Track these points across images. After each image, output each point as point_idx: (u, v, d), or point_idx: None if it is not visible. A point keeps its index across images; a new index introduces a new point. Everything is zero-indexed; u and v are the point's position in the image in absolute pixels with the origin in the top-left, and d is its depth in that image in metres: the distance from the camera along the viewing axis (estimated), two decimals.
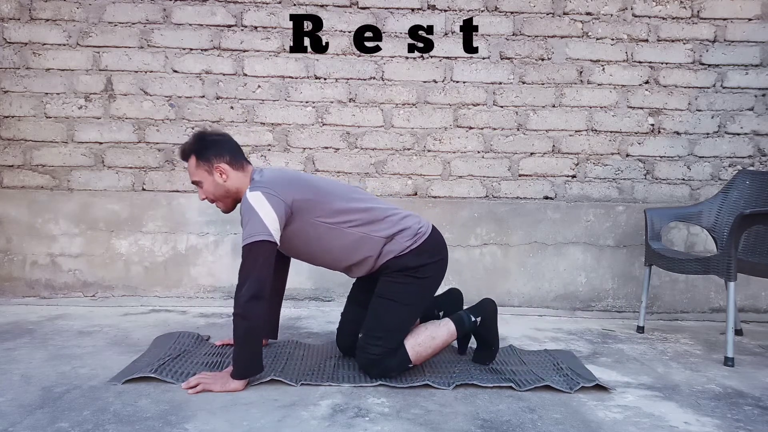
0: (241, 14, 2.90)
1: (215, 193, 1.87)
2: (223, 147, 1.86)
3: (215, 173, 1.84)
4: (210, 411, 1.55)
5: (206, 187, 1.86)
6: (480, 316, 1.95)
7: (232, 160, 1.86)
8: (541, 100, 2.95)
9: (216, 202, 1.90)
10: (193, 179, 1.87)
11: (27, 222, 2.90)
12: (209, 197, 1.88)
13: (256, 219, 1.71)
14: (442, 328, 1.89)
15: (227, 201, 1.90)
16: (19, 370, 1.82)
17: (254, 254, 1.71)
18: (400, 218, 1.90)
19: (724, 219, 2.59)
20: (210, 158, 1.84)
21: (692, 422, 1.56)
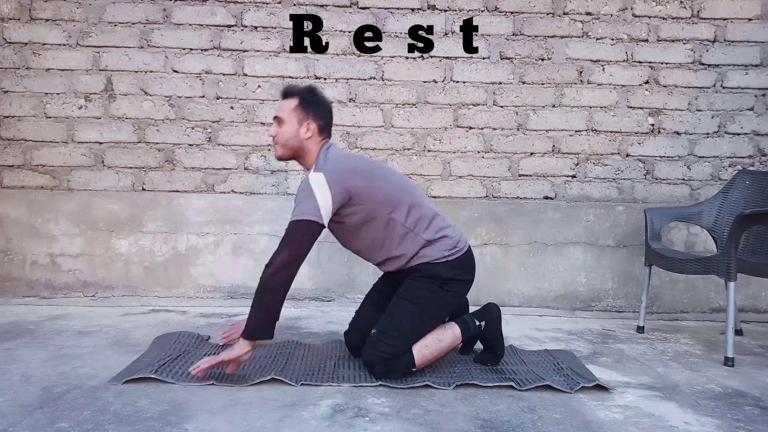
0: (241, 14, 2.90)
1: (288, 140, 1.88)
2: (324, 112, 1.91)
3: (303, 126, 1.87)
4: (210, 411, 1.55)
5: (286, 129, 1.87)
6: (484, 321, 1.96)
7: (322, 128, 1.90)
8: (541, 100, 2.95)
9: (278, 145, 1.90)
10: (279, 115, 1.88)
11: (27, 222, 2.90)
12: (279, 139, 1.89)
13: (311, 200, 1.75)
14: (448, 331, 1.88)
15: (288, 152, 1.91)
16: (19, 370, 1.82)
17: (300, 230, 1.75)
18: (444, 225, 1.92)
19: (724, 219, 2.59)
20: (310, 111, 1.88)
21: (692, 422, 1.56)
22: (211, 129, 2.94)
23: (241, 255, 2.93)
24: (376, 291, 2.08)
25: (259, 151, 2.95)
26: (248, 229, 2.93)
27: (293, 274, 1.75)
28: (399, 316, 1.84)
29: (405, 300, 1.86)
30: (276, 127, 1.90)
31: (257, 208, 2.94)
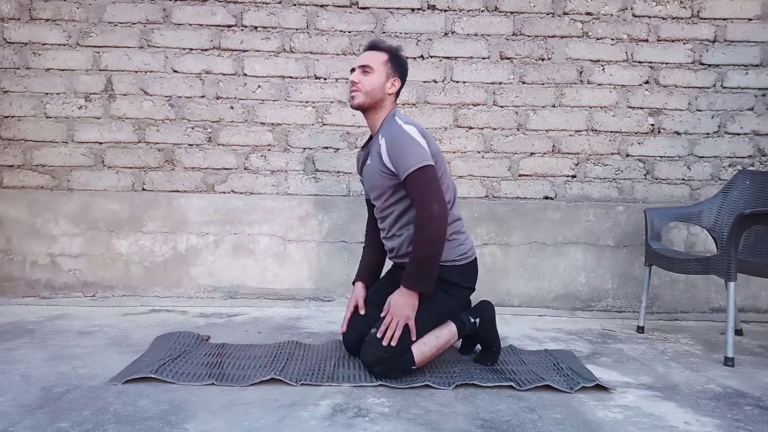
0: (241, 14, 2.90)
1: (374, 89, 1.91)
2: (405, 75, 2.00)
3: (389, 80, 1.93)
4: (210, 411, 1.55)
5: (374, 78, 1.90)
6: (479, 318, 1.96)
7: (399, 91, 1.98)
8: (541, 100, 2.95)
9: (360, 92, 1.91)
10: (367, 63, 1.91)
11: (27, 222, 2.90)
12: (364, 86, 1.90)
13: (418, 146, 1.79)
14: (445, 329, 1.89)
15: (369, 101, 1.92)
16: (19, 370, 1.82)
17: (430, 176, 1.77)
18: (461, 230, 1.95)
19: (724, 219, 2.59)
20: (396, 70, 1.94)
21: (692, 422, 1.56)
22: (211, 129, 2.94)
23: (241, 255, 2.94)
24: (378, 292, 2.08)
25: (259, 151, 2.95)
26: (248, 229, 2.93)
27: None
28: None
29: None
30: (360, 74, 1.91)
31: (257, 208, 2.94)
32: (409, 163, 1.78)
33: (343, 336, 2.06)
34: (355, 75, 1.93)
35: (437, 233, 1.76)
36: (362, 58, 1.94)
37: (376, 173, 1.90)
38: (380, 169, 1.87)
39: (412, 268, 1.79)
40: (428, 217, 1.75)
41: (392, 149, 1.82)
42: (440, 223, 1.76)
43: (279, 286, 2.94)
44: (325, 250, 2.94)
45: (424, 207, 1.76)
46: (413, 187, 1.78)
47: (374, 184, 1.93)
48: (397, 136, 1.82)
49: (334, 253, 2.95)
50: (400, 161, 1.80)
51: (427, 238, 1.76)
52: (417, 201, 1.77)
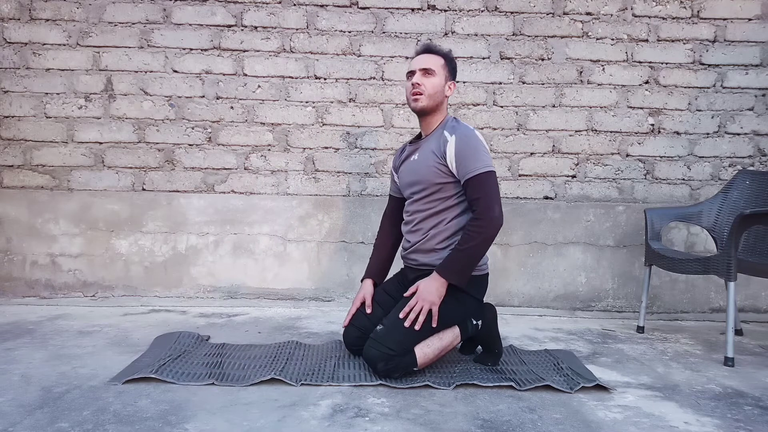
0: (241, 14, 2.90)
1: (436, 92, 1.95)
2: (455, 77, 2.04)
3: (448, 84, 1.98)
4: (210, 411, 1.55)
5: (437, 81, 1.95)
6: (480, 320, 1.96)
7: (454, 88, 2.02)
8: (541, 100, 2.95)
9: (423, 95, 1.93)
10: (430, 67, 1.94)
11: (27, 222, 2.90)
12: (427, 88, 1.93)
13: (486, 152, 1.88)
14: (448, 331, 1.89)
15: (432, 104, 1.96)
16: (19, 370, 1.82)
17: (494, 181, 1.86)
18: None
19: (724, 219, 2.59)
20: (452, 74, 2.01)
21: (692, 422, 1.56)
22: (211, 129, 2.94)
23: (241, 255, 2.94)
24: (384, 292, 2.08)
25: (259, 151, 2.95)
26: (248, 229, 2.93)
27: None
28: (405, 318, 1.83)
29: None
30: (422, 76, 1.94)
31: (257, 208, 2.94)
32: (478, 164, 1.84)
33: (343, 332, 2.06)
34: (417, 77, 1.94)
35: (490, 234, 1.82)
36: (421, 60, 1.96)
37: (426, 167, 1.92)
38: (435, 163, 1.90)
39: (453, 258, 1.83)
40: (489, 217, 1.81)
41: (463, 148, 1.86)
42: (496, 226, 1.82)
43: (279, 286, 2.94)
44: (325, 250, 2.94)
45: (488, 207, 1.81)
46: (479, 187, 1.83)
47: (420, 178, 1.94)
48: (470, 138, 1.88)
49: (334, 253, 2.95)
50: (469, 161, 1.84)
51: (481, 234, 1.80)
52: (481, 200, 1.82)
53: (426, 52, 1.99)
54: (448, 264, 1.83)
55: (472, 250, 1.82)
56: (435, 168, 1.90)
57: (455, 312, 1.90)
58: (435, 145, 1.93)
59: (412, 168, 1.99)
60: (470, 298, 1.92)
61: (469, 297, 1.91)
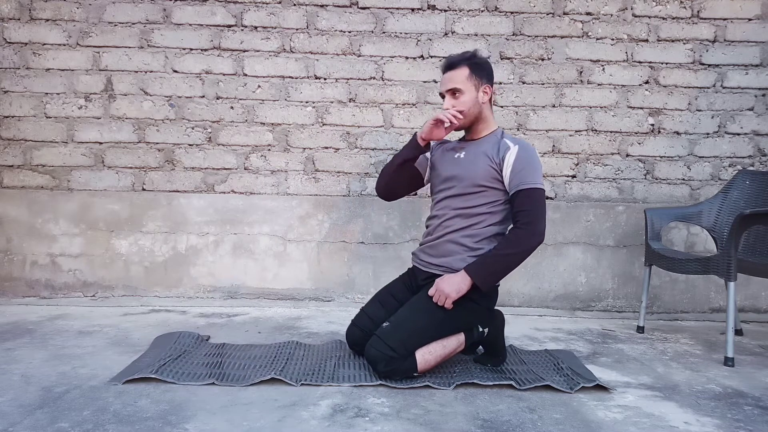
0: (241, 14, 2.90)
1: (469, 108, 1.90)
2: (492, 74, 1.95)
3: (480, 90, 1.91)
4: (210, 411, 1.55)
5: (465, 99, 1.89)
6: (487, 327, 1.96)
7: (492, 90, 1.95)
8: (541, 100, 2.95)
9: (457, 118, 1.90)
10: (455, 87, 1.89)
11: (27, 222, 2.90)
12: (461, 109, 1.89)
13: (539, 169, 1.86)
14: (452, 338, 1.88)
15: (467, 121, 1.93)
16: (19, 370, 1.82)
17: (544, 199, 1.84)
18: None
19: (724, 219, 2.59)
20: (482, 75, 1.91)
21: (692, 422, 1.56)
22: (211, 129, 2.94)
23: (241, 255, 2.94)
24: (389, 294, 2.07)
25: (259, 151, 2.95)
26: (248, 229, 2.93)
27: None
28: (411, 318, 1.83)
29: (423, 303, 1.86)
30: (451, 99, 1.90)
31: (257, 208, 2.94)
32: (534, 179, 1.83)
33: (346, 332, 2.07)
34: (447, 102, 1.91)
35: (530, 247, 1.82)
36: (446, 81, 1.91)
37: (476, 166, 1.88)
38: (489, 165, 1.87)
39: (487, 260, 1.83)
40: (532, 231, 1.81)
41: (524, 161, 1.84)
42: (536, 242, 1.82)
43: (279, 286, 2.94)
44: (325, 250, 2.94)
45: (534, 221, 1.81)
46: (529, 200, 1.82)
47: (466, 174, 1.90)
48: (532, 154, 1.87)
49: (334, 253, 2.95)
50: (525, 174, 1.83)
51: (522, 245, 1.81)
52: (530, 212, 1.81)
53: (449, 69, 1.92)
54: (481, 264, 1.82)
55: (510, 258, 1.82)
56: (486, 169, 1.87)
57: (463, 320, 1.89)
58: (491, 149, 1.89)
59: (457, 163, 1.94)
60: (480, 308, 1.91)
61: (479, 306, 1.90)
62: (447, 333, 1.87)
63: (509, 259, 1.82)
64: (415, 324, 1.82)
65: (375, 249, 2.93)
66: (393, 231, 2.93)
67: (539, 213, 1.82)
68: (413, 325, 1.82)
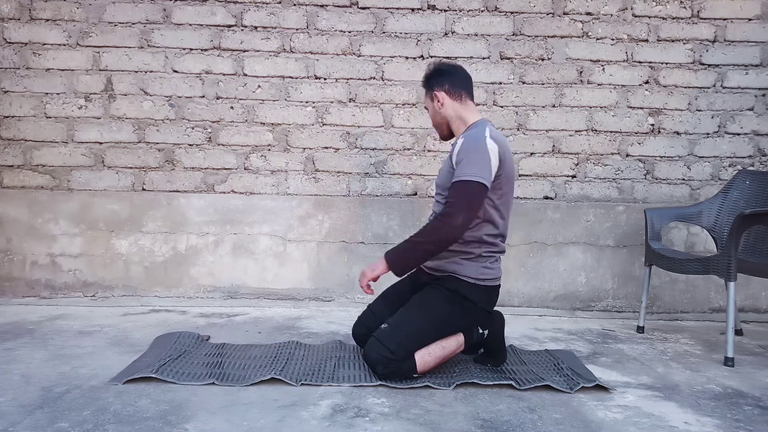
0: (241, 14, 2.90)
1: (433, 119, 2.03)
2: (445, 76, 1.97)
3: (434, 100, 1.98)
4: (210, 411, 1.55)
5: (430, 114, 2.03)
6: (488, 329, 1.96)
7: (451, 89, 1.96)
8: (541, 100, 2.95)
9: (435, 129, 2.05)
10: (425, 106, 2.06)
11: (27, 222, 2.90)
12: (433, 123, 2.04)
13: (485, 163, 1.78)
14: (452, 339, 1.88)
15: (442, 128, 2.02)
16: (19, 370, 1.82)
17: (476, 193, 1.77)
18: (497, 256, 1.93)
19: (724, 219, 2.59)
20: (432, 86, 1.99)
21: (692, 422, 1.56)
22: (211, 129, 2.94)
23: (241, 255, 2.94)
24: (394, 290, 2.09)
25: (259, 151, 2.95)
26: (248, 229, 2.93)
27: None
28: (410, 320, 1.83)
29: (420, 305, 1.87)
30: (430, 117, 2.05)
31: (257, 208, 2.94)
32: (467, 171, 1.77)
33: (353, 330, 2.09)
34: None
35: (443, 239, 1.78)
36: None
37: (444, 170, 1.95)
38: (449, 166, 1.90)
39: (402, 246, 1.85)
40: (447, 222, 1.77)
41: (463, 152, 1.82)
42: (450, 235, 1.77)
43: (279, 286, 2.94)
44: (325, 250, 2.94)
45: (451, 212, 1.76)
46: (455, 192, 1.78)
47: (440, 180, 1.97)
48: (474, 144, 1.81)
49: (334, 253, 2.95)
50: (462, 165, 1.80)
51: (434, 235, 1.79)
52: (449, 204, 1.78)
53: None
54: (397, 249, 1.85)
55: (422, 246, 1.82)
56: (448, 171, 1.90)
57: (462, 321, 1.89)
58: (452, 149, 1.93)
59: (440, 171, 2.01)
60: (478, 309, 1.90)
61: (475, 306, 1.89)
62: (446, 334, 1.86)
63: (422, 247, 1.82)
64: (413, 326, 1.82)
65: (375, 249, 2.93)
66: (393, 231, 2.93)
67: (461, 206, 1.76)
68: (412, 327, 1.82)
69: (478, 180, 1.76)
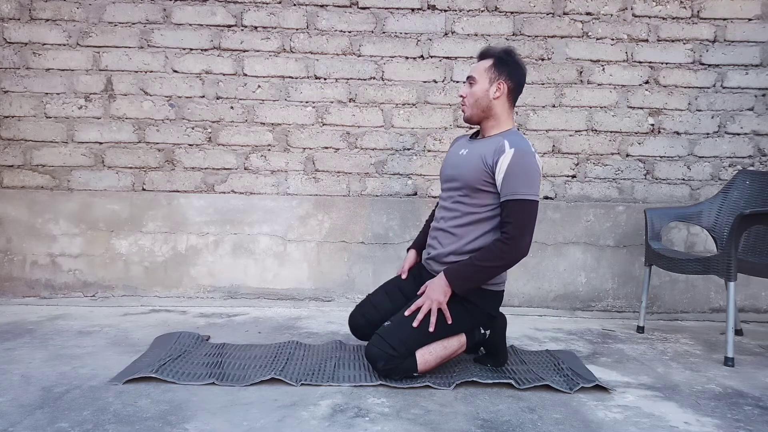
0: (241, 14, 2.90)
1: (477, 99, 1.90)
2: (517, 74, 1.91)
3: (494, 84, 1.88)
4: (210, 411, 1.55)
5: (476, 89, 1.89)
6: (489, 329, 1.96)
7: (513, 89, 1.91)
8: (541, 100, 2.95)
9: (466, 105, 1.93)
10: (471, 74, 1.91)
11: (27, 222, 2.90)
12: (469, 98, 1.91)
13: (538, 181, 1.80)
14: (453, 339, 1.87)
15: (477, 112, 1.92)
16: (19, 370, 1.82)
17: (534, 211, 1.78)
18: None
19: (724, 219, 2.59)
20: (503, 71, 1.88)
21: (692, 422, 1.56)
22: (211, 129, 2.94)
23: (241, 255, 2.94)
24: (397, 287, 2.07)
25: (259, 151, 2.95)
26: (248, 229, 2.93)
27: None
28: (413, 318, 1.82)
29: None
30: (467, 87, 1.92)
31: (257, 208, 2.94)
32: (523, 190, 1.76)
33: (349, 316, 2.08)
34: (462, 89, 1.93)
35: (512, 261, 1.79)
36: (471, 69, 1.95)
37: (470, 168, 1.86)
38: (482, 168, 1.82)
39: (466, 268, 1.80)
40: (516, 244, 1.76)
41: (517, 167, 1.76)
42: (519, 256, 1.78)
43: (279, 286, 2.94)
44: (325, 250, 2.94)
45: (518, 235, 1.76)
46: (517, 212, 1.76)
47: (460, 175, 1.88)
48: (529, 160, 1.78)
49: (334, 253, 2.95)
50: (518, 182, 1.76)
51: (503, 259, 1.78)
52: (514, 225, 1.76)
53: (479, 57, 1.95)
54: (458, 270, 1.81)
55: (488, 270, 1.79)
56: (480, 172, 1.83)
57: (464, 322, 1.88)
58: (490, 150, 1.83)
59: (457, 163, 1.93)
60: (481, 312, 1.90)
61: (480, 311, 1.89)
62: (448, 333, 1.86)
63: (489, 272, 1.80)
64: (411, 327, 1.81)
65: (375, 249, 2.93)
66: (393, 231, 2.93)
67: (526, 227, 1.76)
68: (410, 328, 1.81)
69: (535, 198, 1.78)
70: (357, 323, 2.03)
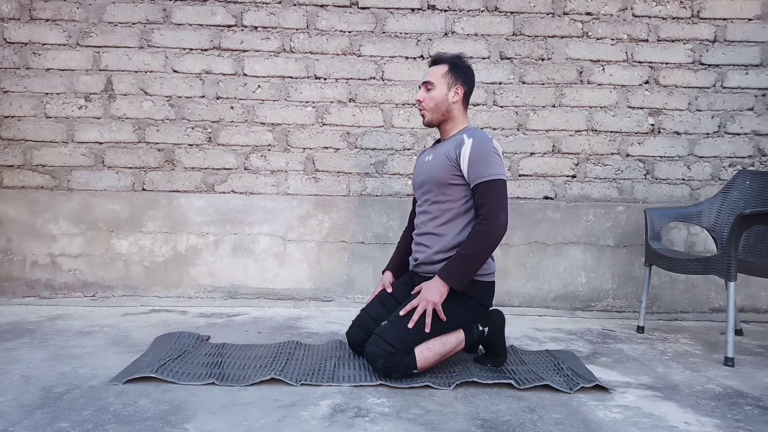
0: (241, 14, 2.90)
1: (438, 104, 1.98)
2: (470, 79, 2.02)
3: (452, 90, 1.98)
4: (210, 411, 1.55)
5: (435, 94, 1.98)
6: (488, 327, 1.96)
7: (467, 95, 2.03)
8: (541, 100, 2.95)
9: (426, 110, 2.01)
10: (429, 80, 1.99)
11: (27, 222, 2.90)
12: (428, 104, 1.99)
13: (500, 161, 1.88)
14: (452, 336, 1.88)
15: (437, 116, 2.01)
16: (19, 370, 1.82)
17: (504, 189, 1.85)
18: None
19: (724, 219, 2.59)
20: (458, 76, 1.99)
21: (692, 422, 1.56)
22: (211, 129, 2.94)
23: (241, 255, 2.94)
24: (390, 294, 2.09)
25: (259, 151, 2.95)
26: (248, 229, 2.94)
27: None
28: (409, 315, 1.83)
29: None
30: (424, 92, 2.00)
31: (257, 208, 2.94)
32: (489, 171, 1.84)
33: (347, 332, 2.07)
34: (420, 93, 2.01)
35: (493, 240, 1.83)
36: (426, 74, 2.02)
37: (438, 166, 1.93)
38: (448, 164, 1.90)
39: (456, 262, 1.84)
40: (493, 223, 1.81)
41: (478, 153, 1.86)
42: (500, 233, 1.83)
43: (279, 286, 2.94)
44: (325, 250, 2.94)
45: (494, 214, 1.82)
46: (486, 193, 1.83)
47: (430, 177, 1.96)
48: (487, 144, 1.87)
49: (334, 253, 2.95)
50: (480, 166, 1.84)
51: (484, 240, 1.82)
52: (487, 206, 1.82)
53: (432, 63, 2.03)
54: (450, 267, 1.84)
55: (475, 256, 1.82)
56: (447, 167, 1.91)
57: (460, 315, 1.89)
58: (452, 146, 1.93)
59: (425, 168, 2.01)
60: (476, 304, 1.91)
61: (475, 302, 1.91)
62: (445, 330, 1.87)
63: (476, 257, 1.83)
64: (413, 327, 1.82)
65: (375, 249, 2.94)
66: (393, 231, 2.93)
67: (499, 205, 1.82)
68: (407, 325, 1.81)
69: (500, 176, 1.85)
70: (357, 338, 2.02)
